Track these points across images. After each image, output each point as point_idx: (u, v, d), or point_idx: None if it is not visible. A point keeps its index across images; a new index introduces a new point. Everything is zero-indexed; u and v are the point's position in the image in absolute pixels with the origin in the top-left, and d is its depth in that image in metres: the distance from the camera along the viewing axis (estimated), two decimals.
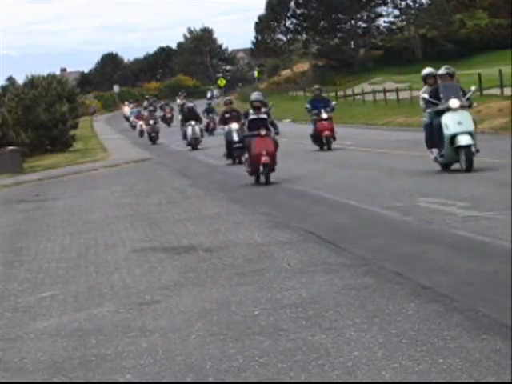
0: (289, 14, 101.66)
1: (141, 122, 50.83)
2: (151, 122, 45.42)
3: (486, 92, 39.10)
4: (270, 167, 18.27)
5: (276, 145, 18.63)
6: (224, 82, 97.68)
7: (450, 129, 16.16)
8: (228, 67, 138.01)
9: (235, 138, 25.20)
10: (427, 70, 18.30)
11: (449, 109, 16.31)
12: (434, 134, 16.62)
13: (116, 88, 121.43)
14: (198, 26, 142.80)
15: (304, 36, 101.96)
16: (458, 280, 7.62)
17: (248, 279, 8.65)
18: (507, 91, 35.80)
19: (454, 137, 16.08)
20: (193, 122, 36.05)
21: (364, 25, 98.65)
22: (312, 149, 27.33)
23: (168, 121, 61.28)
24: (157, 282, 9.07)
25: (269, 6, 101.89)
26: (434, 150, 16.77)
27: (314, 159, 24.48)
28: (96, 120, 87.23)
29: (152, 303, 8.06)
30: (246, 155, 18.90)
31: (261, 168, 18.23)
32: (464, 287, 7.33)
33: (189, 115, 36.93)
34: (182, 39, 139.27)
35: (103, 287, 9.14)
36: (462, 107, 16.41)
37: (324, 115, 27.08)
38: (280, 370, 5.61)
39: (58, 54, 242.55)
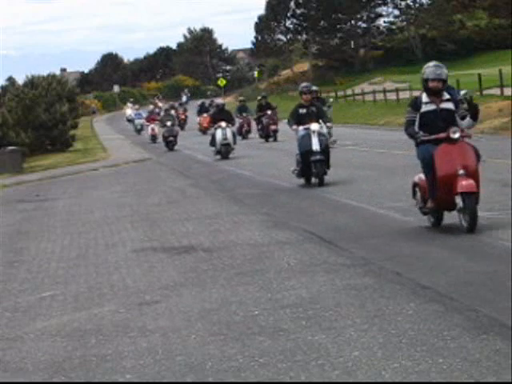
0: (289, 14, 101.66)
1: (152, 125, 43.12)
2: (168, 123, 36.51)
3: (486, 92, 39.12)
4: (476, 198, 10.08)
5: (478, 155, 10.44)
6: (224, 82, 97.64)
7: None
8: (228, 67, 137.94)
9: (315, 146, 17.12)
10: None
11: None
12: None
13: (116, 88, 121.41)
14: (198, 26, 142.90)
15: (304, 36, 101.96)
16: (458, 280, 7.62)
17: (248, 279, 8.65)
18: (507, 91, 35.79)
19: None
20: (223, 124, 27.93)
21: (364, 25, 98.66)
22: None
23: (181, 123, 51.34)
24: (157, 282, 9.07)
25: (269, 6, 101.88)
26: None
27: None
28: (96, 121, 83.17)
29: (152, 303, 8.06)
30: (418, 178, 10.94)
31: (458, 201, 10.06)
32: (464, 287, 7.33)
33: (219, 115, 28.82)
34: (182, 39, 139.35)
35: (103, 287, 9.14)
36: None
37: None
38: (280, 370, 5.61)
39: (58, 54, 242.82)
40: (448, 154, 10.21)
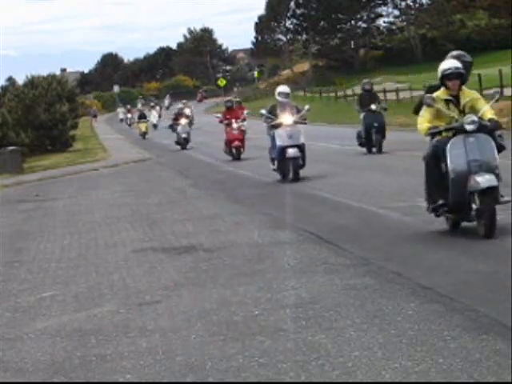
0: (289, 14, 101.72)
1: None
2: None
3: (485, 92, 39.05)
4: None
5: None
6: (224, 82, 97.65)
7: None
8: (228, 67, 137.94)
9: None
10: None
11: None
12: None
13: (116, 88, 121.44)
14: (198, 26, 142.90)
15: (304, 36, 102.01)
16: (457, 280, 7.62)
17: (248, 279, 8.64)
18: (507, 91, 35.76)
19: None
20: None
21: (364, 25, 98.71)
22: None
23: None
24: (157, 282, 9.07)
25: (269, 6, 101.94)
26: None
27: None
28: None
29: (152, 303, 8.06)
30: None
31: None
32: (464, 287, 7.33)
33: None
34: (182, 39, 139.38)
35: (103, 287, 9.13)
36: None
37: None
38: (280, 370, 5.60)
39: (58, 54, 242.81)
40: None
